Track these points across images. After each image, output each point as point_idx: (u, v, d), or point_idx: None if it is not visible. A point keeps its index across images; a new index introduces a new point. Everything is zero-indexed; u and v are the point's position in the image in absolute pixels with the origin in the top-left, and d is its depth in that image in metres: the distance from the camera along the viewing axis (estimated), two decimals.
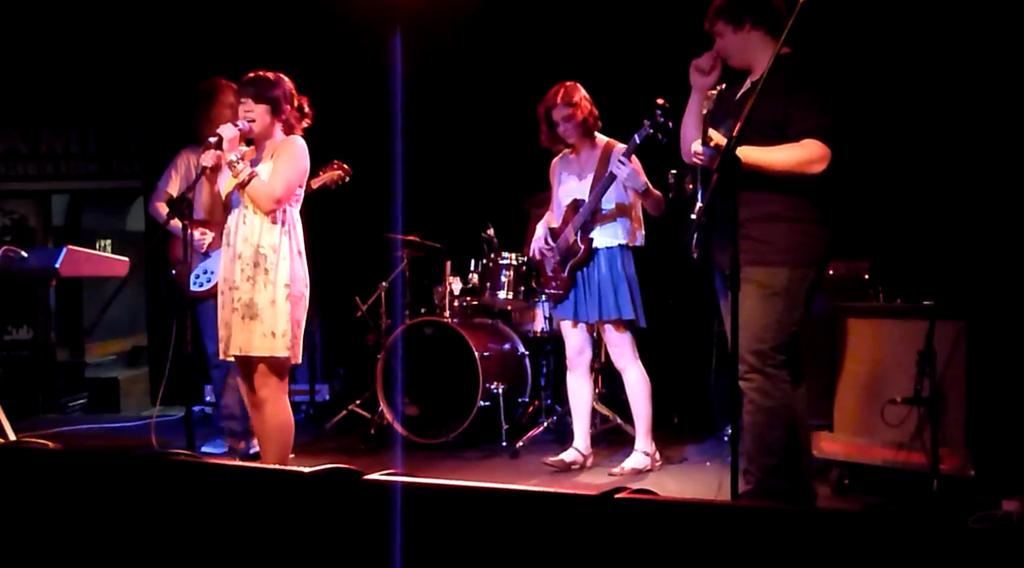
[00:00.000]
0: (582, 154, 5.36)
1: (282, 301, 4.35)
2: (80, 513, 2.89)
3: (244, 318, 4.34)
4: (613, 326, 5.26)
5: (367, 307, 6.74)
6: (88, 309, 9.48)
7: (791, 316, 3.85)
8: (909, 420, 4.47)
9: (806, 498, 3.99)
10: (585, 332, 5.42)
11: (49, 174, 8.74)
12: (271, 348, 4.35)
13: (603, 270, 5.24)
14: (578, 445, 5.45)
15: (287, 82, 4.49)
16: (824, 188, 3.85)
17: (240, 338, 4.35)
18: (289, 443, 4.54)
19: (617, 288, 5.20)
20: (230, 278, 4.42)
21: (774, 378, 3.81)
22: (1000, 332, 4.45)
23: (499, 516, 2.41)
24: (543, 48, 6.98)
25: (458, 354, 6.08)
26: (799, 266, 3.86)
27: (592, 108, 5.28)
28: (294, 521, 2.61)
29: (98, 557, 2.83)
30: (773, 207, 3.83)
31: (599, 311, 5.23)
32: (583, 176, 5.32)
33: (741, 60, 4.01)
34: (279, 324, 4.35)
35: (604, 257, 5.25)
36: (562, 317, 5.45)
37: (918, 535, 2.12)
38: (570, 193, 5.36)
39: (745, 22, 3.93)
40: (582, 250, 5.24)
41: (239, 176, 4.34)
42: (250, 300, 4.34)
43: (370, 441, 6.21)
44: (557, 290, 5.38)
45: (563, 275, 5.33)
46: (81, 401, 8.66)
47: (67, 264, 5.21)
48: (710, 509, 2.37)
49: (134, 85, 8.14)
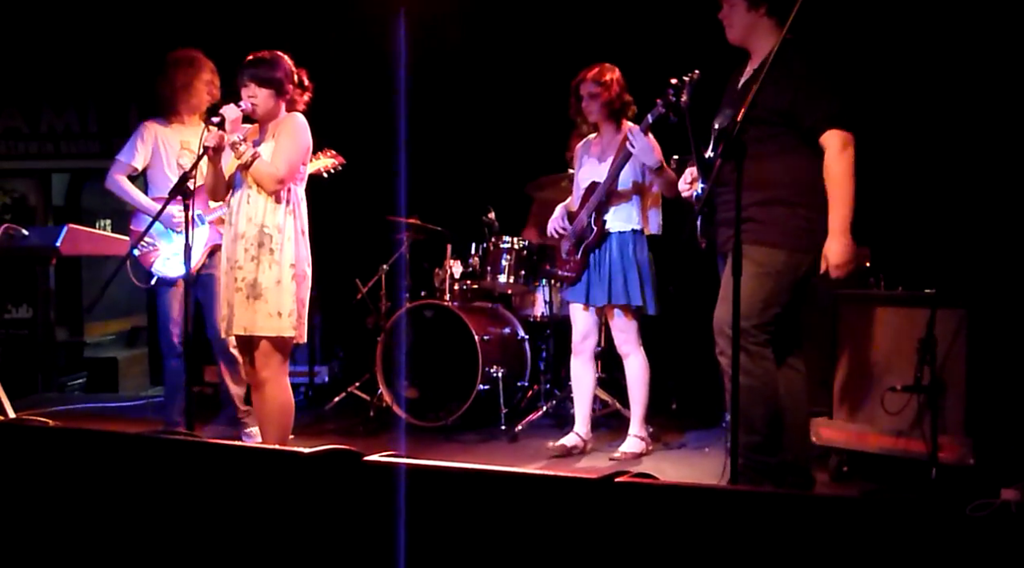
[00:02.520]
0: (604, 137, 5.34)
1: (288, 281, 4.35)
2: (79, 490, 2.89)
3: (248, 298, 4.32)
4: (622, 311, 5.25)
5: (367, 289, 6.74)
6: (87, 289, 9.48)
7: (778, 299, 3.86)
8: (909, 408, 4.47)
9: (804, 484, 3.99)
10: (594, 316, 5.40)
11: (49, 153, 8.73)
12: (277, 328, 4.34)
13: (614, 254, 5.23)
14: (579, 430, 5.45)
15: (286, 60, 4.46)
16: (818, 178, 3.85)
17: (244, 318, 4.33)
18: (290, 424, 4.53)
19: (627, 273, 5.19)
20: (232, 257, 4.40)
21: (755, 355, 3.81)
22: (1001, 320, 4.45)
23: (499, 499, 2.41)
24: (547, 30, 6.97)
25: (458, 337, 6.08)
26: (796, 251, 3.86)
27: (623, 94, 5.25)
28: (293, 502, 2.61)
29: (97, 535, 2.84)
30: (776, 192, 3.83)
31: (608, 295, 5.21)
32: (603, 159, 5.30)
33: (741, 38, 4.01)
34: (285, 304, 4.34)
35: (616, 241, 5.24)
36: (573, 300, 5.41)
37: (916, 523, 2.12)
38: (589, 176, 5.34)
39: (762, 6, 3.92)
40: (595, 232, 5.22)
41: (242, 157, 4.32)
42: (254, 280, 4.32)
43: (369, 423, 6.21)
44: (570, 272, 5.37)
45: (576, 257, 5.32)
46: (80, 380, 8.67)
47: (67, 243, 5.20)
48: (709, 493, 2.37)
49: (134, 64, 8.11)
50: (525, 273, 6.12)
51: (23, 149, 8.72)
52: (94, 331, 9.81)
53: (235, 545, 2.67)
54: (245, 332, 4.36)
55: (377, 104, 6.58)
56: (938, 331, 4.35)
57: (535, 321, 6.52)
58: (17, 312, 8.41)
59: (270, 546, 2.61)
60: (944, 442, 4.32)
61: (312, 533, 2.56)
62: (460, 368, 6.09)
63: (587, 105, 5.24)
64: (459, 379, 6.10)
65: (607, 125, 5.30)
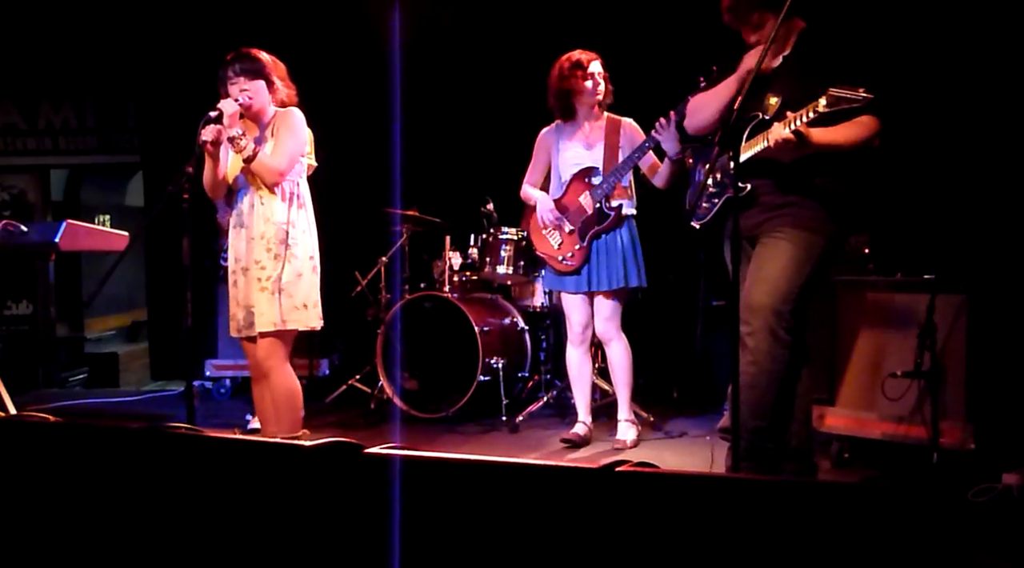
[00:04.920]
0: (585, 125, 5.32)
1: (308, 273, 4.44)
2: (80, 486, 2.89)
3: (273, 294, 4.36)
4: (612, 296, 5.25)
5: (367, 282, 6.74)
6: (87, 285, 9.50)
7: (813, 284, 3.84)
8: (910, 394, 4.48)
9: (807, 471, 3.99)
10: (589, 306, 5.39)
11: (48, 149, 8.74)
12: (304, 320, 4.43)
13: (625, 239, 5.24)
14: (584, 419, 5.45)
15: (264, 55, 4.48)
16: (858, 164, 3.84)
17: (272, 314, 4.37)
18: (299, 411, 4.55)
19: (637, 256, 5.25)
20: (244, 258, 4.42)
21: (783, 342, 3.78)
22: (1001, 305, 4.45)
23: (500, 490, 2.41)
24: (543, 22, 6.95)
25: (458, 329, 6.08)
26: (833, 236, 3.84)
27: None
28: (294, 494, 2.61)
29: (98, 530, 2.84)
30: (815, 176, 3.80)
31: (610, 279, 5.21)
32: (591, 146, 5.29)
33: (757, 39, 3.92)
34: (311, 296, 4.45)
35: (627, 225, 5.26)
36: (572, 291, 5.35)
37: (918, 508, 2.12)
38: (576, 162, 5.32)
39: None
40: (611, 218, 5.21)
41: (243, 152, 4.31)
42: (278, 276, 4.37)
43: (370, 415, 6.22)
44: (571, 261, 5.31)
45: (580, 245, 5.27)
46: (81, 376, 8.69)
47: (66, 238, 5.20)
48: (711, 481, 2.37)
49: (132, 60, 8.12)
50: (524, 264, 6.11)
51: (21, 145, 8.72)
52: (94, 326, 9.83)
53: (236, 539, 2.67)
54: (275, 327, 4.38)
55: (375, 96, 6.57)
56: (938, 317, 4.35)
57: (535, 311, 6.52)
58: (17, 308, 8.42)
59: (272, 539, 2.61)
60: (945, 427, 4.32)
61: (314, 526, 2.56)
62: (460, 359, 6.09)
63: (594, 87, 5.20)
64: (459, 370, 6.10)
65: (593, 111, 5.29)
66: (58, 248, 5.20)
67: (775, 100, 3.79)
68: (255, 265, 4.39)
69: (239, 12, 7.31)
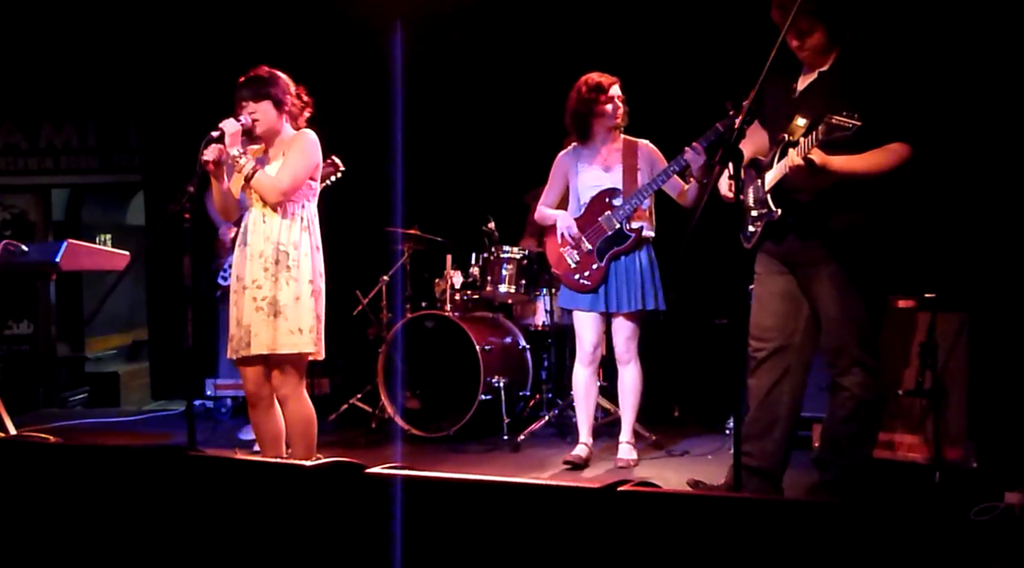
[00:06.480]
0: (602, 147, 5.31)
1: (306, 297, 4.34)
2: (81, 507, 2.88)
3: (269, 316, 4.30)
4: (633, 318, 5.24)
5: (368, 300, 6.74)
6: (88, 304, 9.49)
7: (879, 311, 3.89)
8: (911, 413, 4.47)
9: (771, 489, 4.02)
10: (603, 325, 5.37)
11: (49, 168, 8.74)
12: (298, 345, 4.33)
13: (643, 261, 5.24)
14: (586, 440, 5.41)
15: (282, 77, 4.47)
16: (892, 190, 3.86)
17: (266, 336, 4.31)
18: (314, 438, 4.53)
19: (655, 279, 5.25)
20: (245, 277, 4.38)
21: (875, 372, 3.82)
22: (1002, 324, 4.45)
23: (501, 509, 2.40)
24: (544, 41, 6.97)
25: (459, 347, 6.07)
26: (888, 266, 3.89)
27: None
28: (296, 515, 2.61)
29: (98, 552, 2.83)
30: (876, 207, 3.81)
31: (630, 301, 5.20)
32: (609, 168, 5.28)
33: (798, 45, 3.86)
34: (305, 320, 4.33)
35: (646, 248, 5.27)
36: (587, 309, 5.31)
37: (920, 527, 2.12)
38: (595, 184, 5.31)
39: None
40: (631, 239, 5.20)
41: (243, 170, 4.31)
42: (274, 298, 4.30)
43: (371, 435, 6.21)
44: (587, 280, 5.28)
45: (598, 265, 5.25)
46: (82, 395, 8.67)
47: (67, 258, 5.20)
48: (713, 502, 2.36)
49: (133, 79, 8.14)
50: (526, 282, 6.11)
51: (22, 164, 8.73)
52: (95, 346, 9.82)
53: (238, 559, 2.67)
54: (267, 351, 4.32)
55: (376, 114, 6.59)
56: (939, 335, 4.36)
57: (536, 330, 6.52)
58: (18, 328, 8.42)
59: (273, 560, 2.60)
60: (947, 446, 4.32)
61: (316, 547, 2.55)
62: (462, 378, 6.08)
63: (613, 110, 5.21)
64: (461, 389, 6.09)
65: (612, 133, 5.30)
66: (59, 268, 5.20)
67: (802, 122, 3.73)
68: (252, 284, 4.35)
69: (240, 32, 7.34)
